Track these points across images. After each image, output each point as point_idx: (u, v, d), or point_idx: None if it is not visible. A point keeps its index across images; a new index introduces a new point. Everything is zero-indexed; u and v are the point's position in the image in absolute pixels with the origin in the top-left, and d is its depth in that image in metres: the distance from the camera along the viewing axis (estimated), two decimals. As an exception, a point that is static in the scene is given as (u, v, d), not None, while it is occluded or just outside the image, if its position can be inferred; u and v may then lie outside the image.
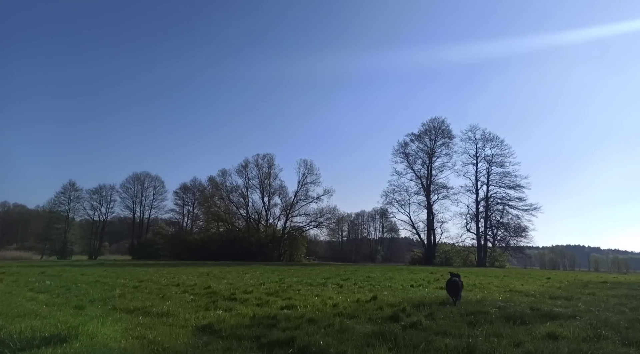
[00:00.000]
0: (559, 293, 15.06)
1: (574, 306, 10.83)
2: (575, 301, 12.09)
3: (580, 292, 15.89)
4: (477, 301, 11.58)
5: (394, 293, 14.10)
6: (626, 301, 12.20)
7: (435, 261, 69.00)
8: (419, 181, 76.58)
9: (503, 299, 12.09)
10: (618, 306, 11.11)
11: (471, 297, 12.84)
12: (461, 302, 11.06)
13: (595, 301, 12.14)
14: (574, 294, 14.89)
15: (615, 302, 12.10)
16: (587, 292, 15.75)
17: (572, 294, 14.80)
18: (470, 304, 10.73)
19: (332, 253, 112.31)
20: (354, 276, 23.08)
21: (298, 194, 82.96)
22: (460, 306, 10.24)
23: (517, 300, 12.03)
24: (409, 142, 77.70)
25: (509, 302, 11.34)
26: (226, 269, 30.95)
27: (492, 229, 73.86)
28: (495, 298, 12.72)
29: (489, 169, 73.73)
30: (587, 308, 10.40)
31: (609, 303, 11.84)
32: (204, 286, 15.23)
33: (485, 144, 74.15)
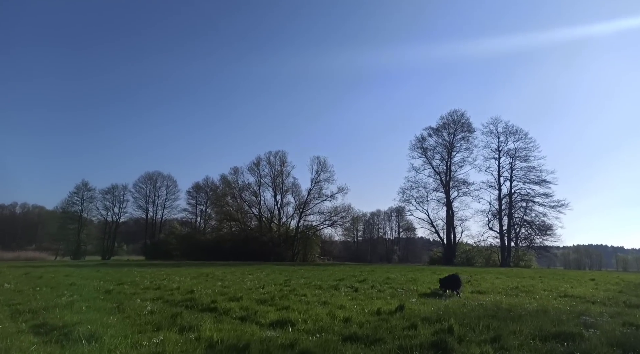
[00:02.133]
0: (633, 299, 11.87)
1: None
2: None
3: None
4: (541, 312, 8.60)
5: (423, 299, 11.16)
6: None
7: (455, 261, 65.37)
8: (438, 177, 72.99)
9: (572, 311, 9.03)
10: None
11: (526, 305, 9.82)
12: (520, 312, 8.12)
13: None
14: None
15: None
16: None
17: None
18: (535, 316, 7.76)
19: (347, 253, 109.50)
20: (371, 277, 20.14)
21: (311, 192, 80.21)
22: (527, 321, 7.25)
23: (592, 311, 8.98)
24: (426, 136, 74.14)
25: (585, 315, 8.32)
26: (230, 270, 28.34)
27: (515, 228, 69.77)
28: (559, 307, 9.66)
29: (512, 164, 69.67)
30: None
31: None
32: (187, 290, 12.51)
33: (508, 138, 70.08)
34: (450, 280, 12.75)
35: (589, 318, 7.16)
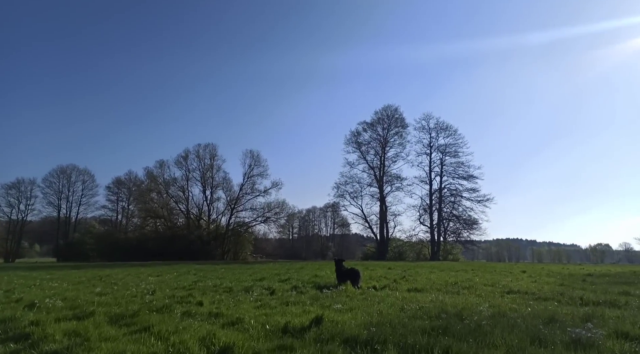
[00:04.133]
0: (587, 294, 10.41)
1: None
2: None
3: (605, 290, 11.52)
4: (500, 318, 6.54)
5: (353, 302, 8.77)
6: None
7: (388, 256, 65.23)
8: (372, 172, 72.56)
9: (538, 314, 7.08)
10: None
11: (477, 307, 7.77)
12: (476, 320, 5.97)
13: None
14: (607, 294, 10.40)
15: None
16: (618, 290, 11.34)
17: (604, 295, 10.26)
18: (498, 326, 5.62)
19: (282, 251, 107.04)
20: (296, 276, 17.60)
21: (244, 187, 76.30)
22: (495, 337, 5.05)
23: (562, 314, 7.09)
24: (361, 131, 73.35)
25: (557, 319, 6.38)
26: (140, 271, 24.46)
27: (444, 222, 71.31)
28: (518, 309, 7.71)
29: (442, 160, 71.03)
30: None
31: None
32: (28, 302, 9.04)
33: (439, 134, 71.33)
34: (350, 274, 12.64)
35: (579, 331, 5.07)
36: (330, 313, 7.05)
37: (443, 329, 5.65)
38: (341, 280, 12.80)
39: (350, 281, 12.46)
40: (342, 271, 13.04)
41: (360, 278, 12.52)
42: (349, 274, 12.69)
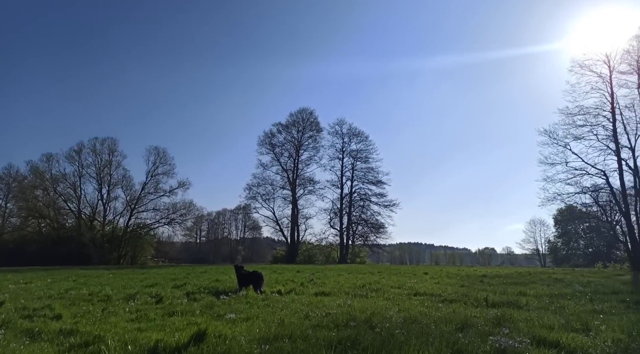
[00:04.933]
0: (490, 295, 10.44)
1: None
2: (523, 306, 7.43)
3: (504, 290, 11.81)
4: (411, 323, 5.89)
5: (252, 310, 7.62)
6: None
7: (298, 259, 64.83)
8: (285, 175, 71.78)
9: (449, 318, 6.58)
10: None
11: (387, 312, 7.12)
12: (388, 327, 5.22)
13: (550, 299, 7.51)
14: (507, 295, 10.56)
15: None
16: (514, 291, 11.65)
17: (505, 296, 10.40)
18: (412, 334, 4.91)
19: (188, 255, 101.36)
20: (195, 281, 15.90)
21: (147, 186, 70.50)
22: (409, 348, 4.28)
23: (474, 317, 6.69)
24: (276, 132, 72.31)
25: (470, 325, 5.90)
26: (7, 277, 20.57)
27: (353, 226, 73.06)
28: (428, 313, 7.19)
29: (354, 164, 72.78)
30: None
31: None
32: None
33: (351, 139, 73.06)
34: (251, 277, 11.75)
35: (505, 341, 4.52)
36: (220, 325, 5.83)
37: (352, 341, 4.79)
38: (242, 285, 11.67)
39: (252, 285, 11.41)
40: (243, 274, 11.96)
41: (263, 281, 11.62)
42: (250, 278, 11.68)
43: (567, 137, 37.54)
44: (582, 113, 36.97)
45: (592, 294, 10.66)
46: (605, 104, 36.38)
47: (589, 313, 7.53)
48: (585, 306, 8.49)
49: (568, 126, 37.42)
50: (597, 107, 36.64)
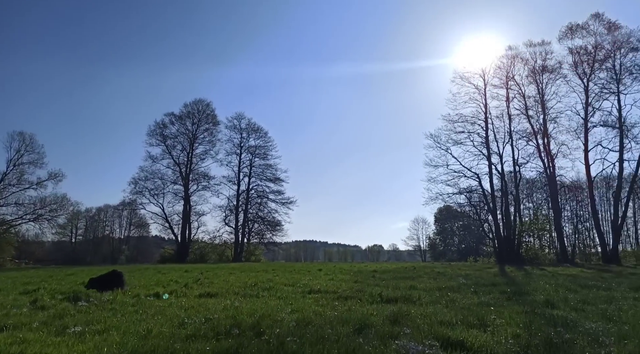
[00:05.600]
0: (379, 290, 10.27)
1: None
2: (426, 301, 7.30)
3: (396, 285, 11.85)
4: (305, 327, 5.15)
5: (115, 318, 6.19)
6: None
7: (189, 258, 61.18)
8: (178, 169, 67.14)
9: (345, 318, 5.98)
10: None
11: (279, 313, 6.30)
12: (278, 334, 4.39)
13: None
14: (400, 290, 10.51)
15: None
16: (405, 285, 11.73)
17: (398, 291, 10.32)
18: (305, 341, 4.14)
19: (60, 255, 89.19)
20: (56, 284, 13.39)
21: (7, 177, 60.29)
22: None
23: (371, 315, 6.18)
24: (168, 123, 67.09)
25: (369, 326, 5.35)
26: None
27: (249, 223, 71.47)
28: (323, 313, 6.54)
29: (252, 161, 70.96)
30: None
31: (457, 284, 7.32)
32: None
33: (250, 135, 71.08)
34: (106, 279, 10.61)
35: (404, 343, 3.95)
36: (55, 344, 4.43)
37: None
38: (94, 286, 10.19)
39: (115, 287, 10.08)
40: (95, 278, 10.58)
41: (124, 282, 10.50)
42: (106, 280, 10.35)
43: (448, 142, 40.87)
44: (462, 120, 40.61)
45: (475, 287, 11.16)
46: (480, 113, 40.36)
47: (478, 305, 7.61)
48: (472, 298, 8.66)
49: (449, 131, 40.80)
50: (474, 115, 40.53)
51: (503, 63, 39.72)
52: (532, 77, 39.49)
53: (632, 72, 36.22)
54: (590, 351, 4.10)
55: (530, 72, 39.49)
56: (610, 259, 35.62)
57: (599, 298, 8.48)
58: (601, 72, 37.33)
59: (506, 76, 39.69)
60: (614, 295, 8.97)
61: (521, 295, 9.32)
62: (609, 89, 36.98)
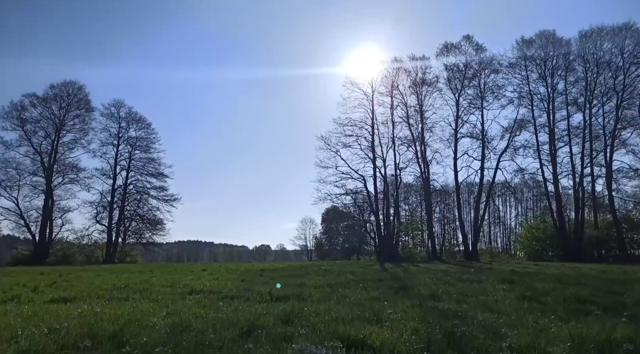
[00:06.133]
0: (268, 288, 9.68)
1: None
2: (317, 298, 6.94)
3: (285, 283, 11.34)
4: (182, 333, 4.28)
5: None
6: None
7: (49, 260, 53.32)
8: (39, 158, 58.16)
9: (233, 320, 5.23)
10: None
11: (150, 318, 5.28)
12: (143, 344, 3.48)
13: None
14: (290, 288, 10.02)
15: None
16: (295, 283, 11.29)
17: (288, 289, 9.82)
18: None
19: None
20: None
21: None
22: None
23: (260, 316, 5.50)
24: (28, 105, 57.37)
25: (258, 328, 4.67)
26: None
27: (125, 221, 65.05)
28: (204, 315, 5.69)
29: (131, 153, 64.57)
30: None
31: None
32: None
33: (130, 125, 64.40)
34: None
35: (303, 346, 3.36)
36: None
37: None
38: None
39: None
40: None
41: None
42: None
43: (338, 144, 42.18)
44: (351, 124, 42.27)
45: (363, 282, 11.21)
46: (367, 118, 42.43)
47: (370, 300, 7.47)
48: (362, 294, 8.55)
49: (339, 134, 42.16)
50: (362, 120, 42.46)
51: (389, 73, 42.32)
52: (414, 88, 42.66)
53: (493, 91, 41.45)
54: (492, 343, 4.03)
55: (412, 84, 42.63)
56: (471, 256, 40.09)
57: (475, 291, 9.04)
58: (469, 88, 41.94)
59: (391, 85, 42.31)
60: (486, 287, 9.68)
61: (407, 289, 9.54)
62: (475, 105, 41.72)
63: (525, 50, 40.96)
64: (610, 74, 38.24)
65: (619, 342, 3.71)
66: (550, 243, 41.67)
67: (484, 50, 41.35)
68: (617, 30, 37.62)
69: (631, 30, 37.06)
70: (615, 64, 37.96)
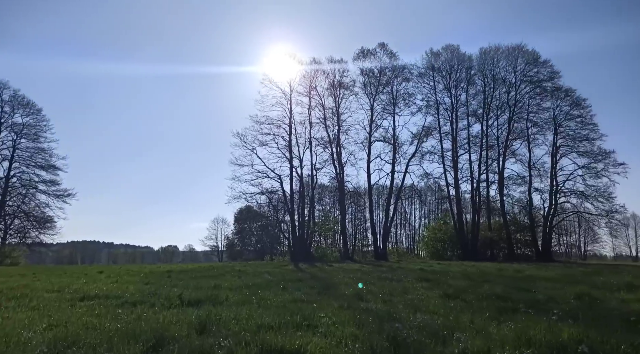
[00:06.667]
0: (179, 291, 8.68)
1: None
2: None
3: (197, 285, 10.32)
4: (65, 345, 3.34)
5: None
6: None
7: None
8: None
9: (128, 329, 4.32)
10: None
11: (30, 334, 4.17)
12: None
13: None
14: (202, 290, 9.06)
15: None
16: (209, 285, 10.31)
17: (200, 291, 8.87)
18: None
19: None
20: None
21: None
22: None
23: (170, 325, 4.64)
24: None
25: (166, 338, 3.86)
26: None
27: (7, 219, 56.89)
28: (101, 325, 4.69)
29: (15, 142, 56.76)
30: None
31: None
32: None
33: (15, 109, 56.42)
34: None
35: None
36: None
37: None
38: None
39: None
40: None
41: None
42: None
43: (254, 142, 41.01)
44: (268, 123, 41.39)
45: (283, 283, 10.62)
46: (285, 117, 41.90)
47: (294, 302, 6.93)
48: (284, 295, 7.98)
49: (256, 132, 41.04)
50: (279, 119, 41.82)
51: (308, 73, 42.26)
52: (331, 90, 43.10)
53: (404, 98, 43.63)
54: (443, 349, 3.71)
55: (330, 86, 43.05)
56: (380, 256, 41.55)
57: (397, 289, 8.97)
58: (383, 94, 43.56)
59: (310, 86, 42.29)
60: (406, 286, 9.70)
61: (329, 289, 9.18)
62: (388, 110, 43.41)
63: (433, 62, 43.72)
64: (505, 90, 42.37)
65: (566, 344, 3.61)
66: (450, 243, 44.81)
67: (397, 58, 43.25)
68: (511, 49, 41.80)
69: (522, 51, 41.44)
70: (509, 81, 42.17)
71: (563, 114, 40.61)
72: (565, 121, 40.51)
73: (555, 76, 41.04)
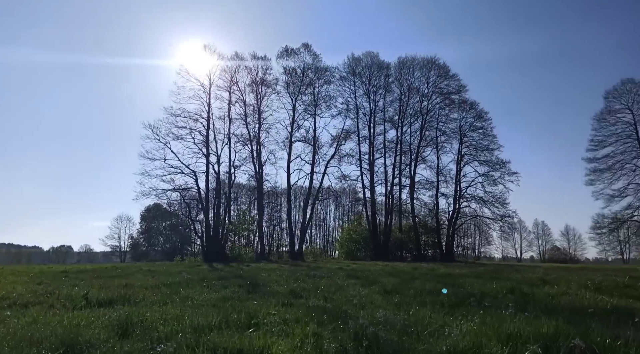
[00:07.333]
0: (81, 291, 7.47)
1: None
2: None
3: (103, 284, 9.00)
4: None
5: None
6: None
7: None
8: None
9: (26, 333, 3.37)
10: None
11: None
12: None
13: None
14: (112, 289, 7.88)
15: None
16: (119, 284, 9.04)
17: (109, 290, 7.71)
18: None
19: None
20: None
21: None
22: None
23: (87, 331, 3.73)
24: None
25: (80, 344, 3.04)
26: None
27: None
28: None
29: None
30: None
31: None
32: None
33: None
34: None
35: None
36: None
37: None
38: None
39: None
40: None
41: None
42: None
43: (168, 135, 38.14)
44: (184, 116, 38.73)
45: (206, 282, 9.73)
46: (203, 112, 39.65)
47: (224, 300, 6.24)
48: (211, 294, 7.23)
49: (171, 125, 38.11)
50: (197, 113, 39.43)
51: (229, 67, 40.68)
52: (253, 87, 41.93)
53: (326, 100, 44.19)
54: (417, 344, 3.36)
55: (252, 82, 41.88)
56: (296, 256, 41.38)
57: (331, 286, 8.64)
58: (305, 95, 43.63)
59: (230, 80, 40.68)
60: (339, 283, 9.41)
61: (259, 287, 8.57)
62: (309, 111, 43.58)
63: (354, 67, 44.88)
64: (418, 99, 44.91)
65: (553, 337, 3.48)
66: (363, 244, 46.19)
67: (320, 60, 43.62)
68: (425, 61, 44.42)
69: (435, 64, 44.28)
70: (422, 91, 44.80)
71: (468, 125, 44.11)
72: (470, 131, 44.05)
73: (462, 90, 44.42)
